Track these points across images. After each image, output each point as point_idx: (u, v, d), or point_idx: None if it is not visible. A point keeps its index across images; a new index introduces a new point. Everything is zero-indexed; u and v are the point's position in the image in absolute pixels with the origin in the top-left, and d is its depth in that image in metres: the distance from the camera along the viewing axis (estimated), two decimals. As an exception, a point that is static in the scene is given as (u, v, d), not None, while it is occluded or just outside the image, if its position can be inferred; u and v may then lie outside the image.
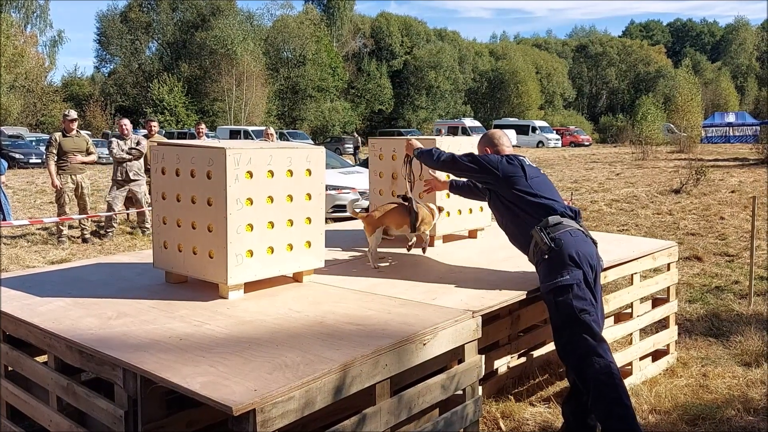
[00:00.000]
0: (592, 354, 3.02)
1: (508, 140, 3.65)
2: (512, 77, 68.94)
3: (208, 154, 3.08)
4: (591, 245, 3.22)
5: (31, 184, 18.61)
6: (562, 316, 3.10)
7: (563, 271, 3.08)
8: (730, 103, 70.27)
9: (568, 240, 3.13)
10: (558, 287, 3.08)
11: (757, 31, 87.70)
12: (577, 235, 3.18)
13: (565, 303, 3.07)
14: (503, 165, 3.33)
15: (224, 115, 50.36)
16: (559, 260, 3.11)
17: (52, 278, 3.60)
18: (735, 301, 5.85)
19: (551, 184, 3.48)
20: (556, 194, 3.40)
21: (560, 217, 3.20)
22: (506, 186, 3.32)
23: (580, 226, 3.26)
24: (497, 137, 3.63)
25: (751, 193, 11.64)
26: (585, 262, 3.11)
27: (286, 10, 60.75)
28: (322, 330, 2.66)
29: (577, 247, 3.13)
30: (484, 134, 3.75)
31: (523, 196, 3.28)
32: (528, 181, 3.30)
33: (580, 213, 3.38)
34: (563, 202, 3.35)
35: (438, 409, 2.89)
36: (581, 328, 3.04)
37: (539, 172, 3.43)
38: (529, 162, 3.45)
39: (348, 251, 4.24)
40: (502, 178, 3.31)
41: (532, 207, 3.26)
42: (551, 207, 3.24)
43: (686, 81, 42.22)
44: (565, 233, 3.14)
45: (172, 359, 2.33)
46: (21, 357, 3.01)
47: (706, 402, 3.73)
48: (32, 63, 44.61)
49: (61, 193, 8.95)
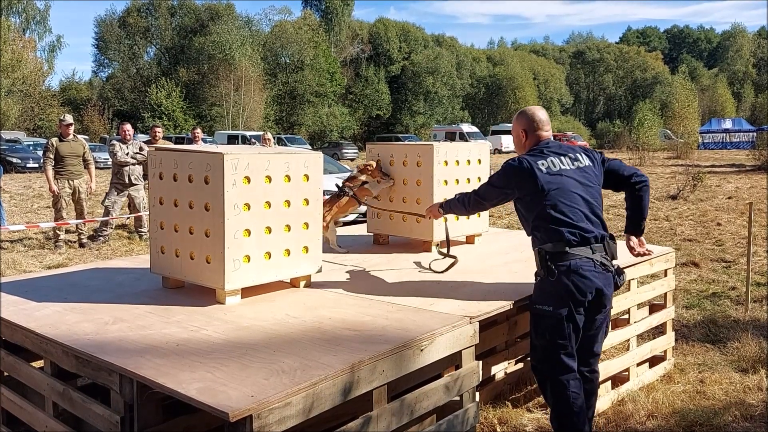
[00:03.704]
0: (555, 382, 3.03)
1: (548, 120, 3.27)
2: (510, 83, 69.10)
3: (205, 160, 3.08)
4: (596, 277, 2.97)
5: (28, 188, 18.57)
6: (538, 336, 3.09)
7: (549, 301, 3.00)
8: (727, 109, 70.46)
9: (565, 274, 2.94)
10: (539, 312, 3.06)
11: (754, 37, 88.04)
12: (582, 267, 2.94)
13: (542, 327, 3.05)
14: (518, 180, 3.08)
15: (222, 120, 50.35)
16: (549, 289, 3.01)
17: (48, 283, 3.59)
18: (732, 307, 5.86)
19: (577, 185, 3.06)
20: (575, 205, 3.01)
21: (566, 246, 2.95)
22: (520, 202, 3.16)
23: (594, 252, 2.97)
24: (537, 119, 3.21)
25: (748, 199, 11.68)
26: (578, 296, 2.94)
27: (285, 15, 60.91)
28: (319, 335, 2.66)
29: (576, 282, 2.94)
30: (521, 113, 3.30)
31: (533, 212, 3.06)
32: (545, 195, 2.99)
33: (604, 229, 3.08)
34: (583, 214, 3.01)
35: (435, 416, 2.89)
36: (552, 355, 3.03)
37: (563, 173, 3.04)
38: (549, 161, 3.06)
39: (346, 256, 4.23)
40: (519, 197, 3.15)
41: (542, 228, 3.02)
42: (560, 233, 2.96)
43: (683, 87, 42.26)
44: (565, 266, 2.94)
45: (168, 365, 2.33)
46: (17, 362, 3.00)
47: (704, 408, 3.73)
48: (30, 67, 44.56)
49: (58, 198, 8.94)
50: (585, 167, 3.13)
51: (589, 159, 3.18)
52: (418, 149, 4.36)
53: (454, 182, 4.40)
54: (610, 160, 3.28)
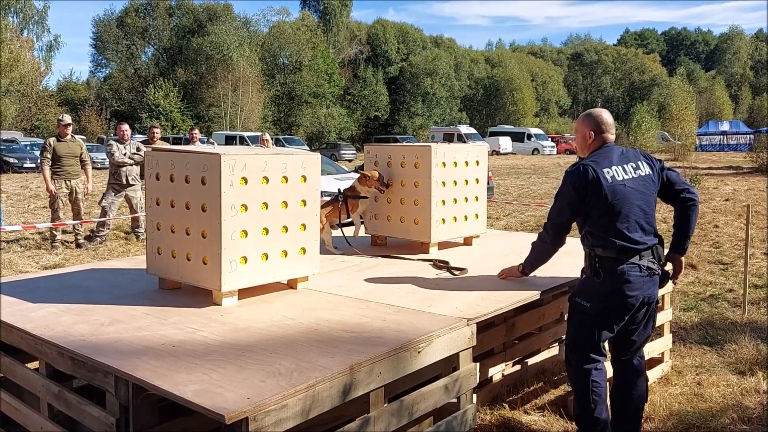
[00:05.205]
0: (579, 371, 3.16)
1: (613, 123, 3.26)
2: (508, 85, 69.20)
3: (202, 160, 3.07)
4: (642, 282, 3.03)
5: (25, 188, 18.53)
6: (570, 327, 3.25)
7: (589, 298, 3.11)
8: (725, 111, 70.72)
9: (610, 278, 3.03)
10: (576, 306, 3.17)
11: (751, 40, 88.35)
12: (628, 272, 3.00)
13: (575, 320, 3.19)
14: (584, 187, 3.05)
15: (220, 120, 50.33)
16: (592, 288, 3.11)
17: (44, 284, 3.57)
18: (729, 309, 5.86)
19: (637, 195, 3.07)
20: (632, 216, 3.04)
21: (616, 253, 3.01)
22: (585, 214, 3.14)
23: (642, 258, 3.02)
24: (603, 121, 3.20)
25: (746, 202, 11.69)
26: (619, 301, 3.03)
27: (283, 16, 60.94)
28: (316, 337, 2.64)
29: (619, 286, 3.01)
30: (588, 114, 3.29)
31: (590, 219, 3.10)
32: (606, 205, 3.01)
33: (655, 236, 3.13)
34: (638, 225, 3.05)
35: (433, 417, 2.88)
36: (579, 347, 3.17)
37: (626, 183, 3.05)
38: (614, 170, 3.06)
39: (344, 258, 4.22)
40: (584, 212, 3.14)
41: (596, 235, 3.07)
42: (612, 243, 3.01)
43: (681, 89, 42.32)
44: (612, 270, 3.01)
45: (164, 366, 2.32)
46: (12, 363, 2.99)
47: (701, 410, 3.72)
48: (28, 67, 44.47)
49: (55, 198, 8.91)
50: (645, 176, 3.15)
51: (649, 167, 3.21)
52: (416, 150, 4.35)
53: (452, 184, 4.39)
54: (669, 169, 3.30)
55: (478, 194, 4.61)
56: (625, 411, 3.24)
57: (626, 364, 3.27)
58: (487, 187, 4.85)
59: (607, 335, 3.13)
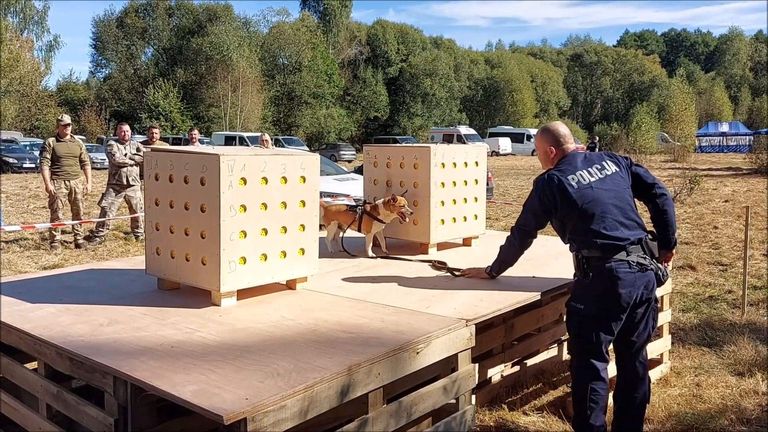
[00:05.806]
0: (578, 374, 3.18)
1: (570, 133, 3.35)
2: (507, 85, 69.17)
3: (201, 161, 3.07)
4: (633, 278, 3.01)
5: (25, 188, 18.53)
6: (568, 331, 3.28)
7: (582, 300, 3.12)
8: (724, 112, 70.74)
9: (599, 277, 3.03)
10: (571, 309, 3.18)
11: (751, 41, 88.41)
12: (617, 269, 3.00)
13: (572, 324, 3.21)
14: (551, 195, 3.11)
15: (219, 121, 50.32)
16: (583, 290, 3.13)
17: (43, 284, 3.57)
18: (728, 310, 5.86)
19: (608, 194, 3.10)
20: (608, 215, 3.05)
21: (601, 252, 3.02)
22: (555, 216, 3.20)
23: (630, 254, 3.01)
24: (561, 134, 3.28)
25: (745, 203, 11.70)
26: (612, 298, 3.03)
27: (283, 16, 60.92)
28: (315, 338, 2.65)
29: (610, 284, 3.01)
30: (544, 131, 3.35)
31: (568, 226, 3.14)
32: (578, 209, 3.05)
33: (642, 229, 3.11)
34: (617, 222, 3.04)
35: (431, 418, 2.88)
36: (577, 350, 3.21)
37: (593, 185, 3.09)
38: (578, 175, 3.11)
39: (342, 258, 4.22)
40: (556, 219, 3.20)
41: (578, 240, 3.10)
42: (594, 243, 3.03)
43: (680, 90, 42.43)
44: (600, 269, 3.02)
45: (163, 367, 2.32)
46: (11, 363, 2.99)
47: (700, 412, 3.72)
48: (27, 67, 44.46)
49: (54, 198, 8.91)
50: (612, 174, 3.18)
51: (615, 165, 3.24)
52: (416, 151, 4.35)
53: (452, 184, 4.39)
54: (636, 165, 3.32)
55: (477, 195, 4.61)
56: (628, 412, 3.24)
57: (628, 365, 3.26)
58: (486, 188, 4.85)
59: (606, 338, 3.11)
